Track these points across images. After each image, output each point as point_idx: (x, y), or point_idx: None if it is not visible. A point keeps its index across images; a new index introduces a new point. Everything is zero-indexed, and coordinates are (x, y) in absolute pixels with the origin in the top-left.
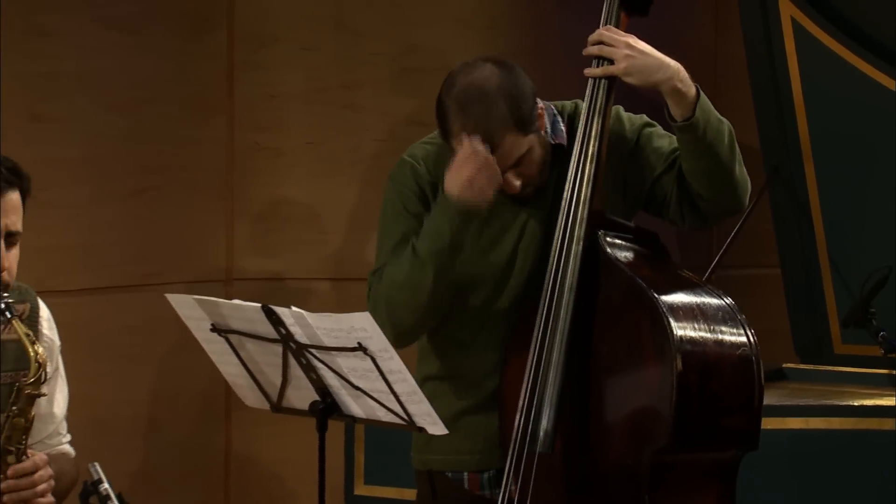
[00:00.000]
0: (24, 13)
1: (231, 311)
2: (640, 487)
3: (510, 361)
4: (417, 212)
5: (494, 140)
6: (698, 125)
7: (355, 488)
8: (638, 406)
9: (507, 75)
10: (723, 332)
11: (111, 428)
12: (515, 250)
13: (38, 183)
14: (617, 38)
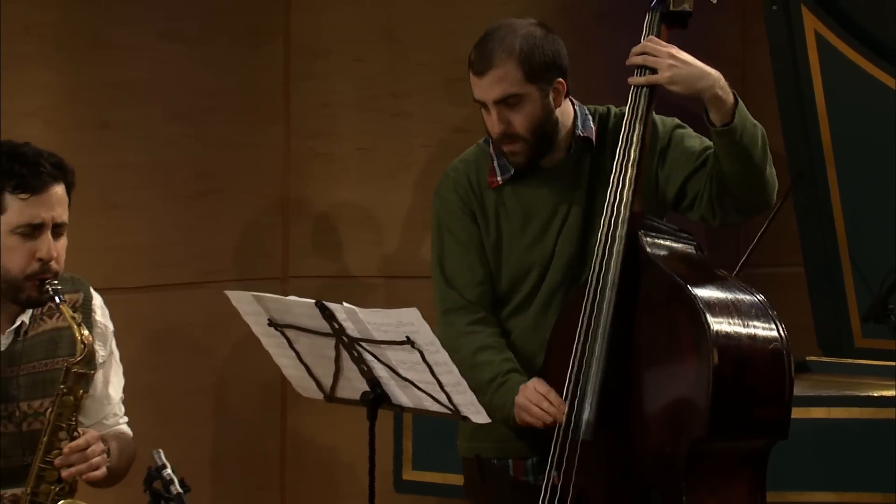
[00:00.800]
0: (94, 27)
1: (287, 307)
2: (676, 474)
3: (553, 354)
4: (463, 225)
5: (492, 61)
6: (736, 130)
7: (403, 473)
8: (676, 397)
9: (540, 30)
10: (756, 326)
11: (174, 417)
12: (556, 243)
13: (107, 186)
14: (660, 48)
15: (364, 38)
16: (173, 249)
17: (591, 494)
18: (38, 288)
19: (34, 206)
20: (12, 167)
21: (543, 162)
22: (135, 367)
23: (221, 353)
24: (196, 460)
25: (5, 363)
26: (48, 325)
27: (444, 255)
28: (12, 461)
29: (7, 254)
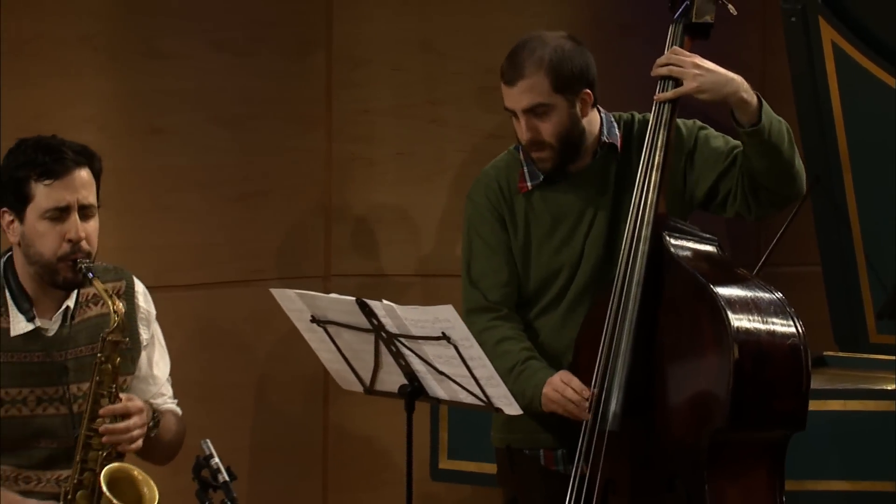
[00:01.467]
0: (145, 37)
1: (328, 304)
2: (698, 463)
3: (581, 349)
4: (491, 229)
5: (522, 72)
6: (764, 129)
7: (439, 462)
8: (698, 390)
9: (569, 43)
10: (775, 323)
11: (221, 408)
12: (584, 245)
13: (157, 189)
14: (684, 59)
15: (402, 49)
16: (220, 249)
17: (617, 483)
18: (71, 268)
19: (59, 190)
20: (36, 156)
21: (571, 168)
22: (183, 361)
23: (266, 348)
24: (241, 450)
25: (54, 347)
26: (93, 312)
27: (472, 257)
28: (65, 441)
29: (39, 239)
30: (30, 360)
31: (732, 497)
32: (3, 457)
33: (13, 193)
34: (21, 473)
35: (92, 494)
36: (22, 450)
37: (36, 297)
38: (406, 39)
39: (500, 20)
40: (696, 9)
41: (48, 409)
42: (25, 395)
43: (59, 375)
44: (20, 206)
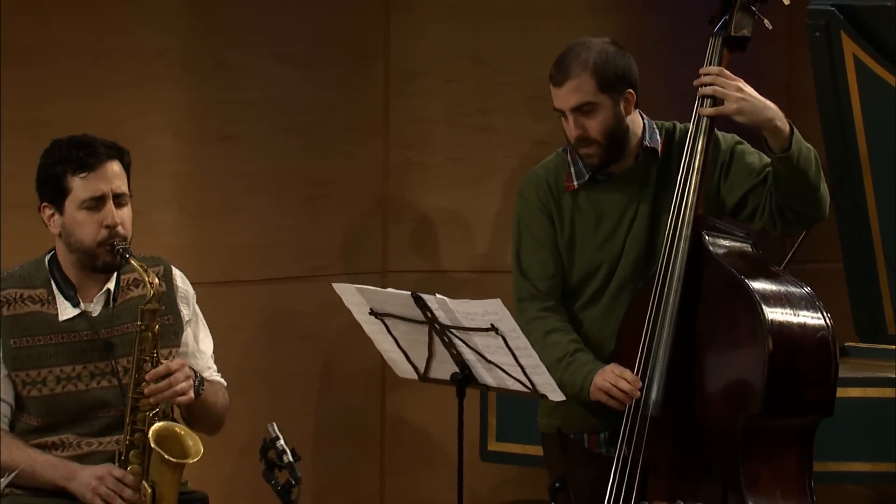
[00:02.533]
0: (215, 51)
1: (386, 298)
2: (734, 447)
3: (624, 339)
4: (540, 225)
5: (569, 73)
6: (793, 156)
7: (488, 445)
8: (734, 379)
9: (612, 47)
10: (806, 316)
11: (287, 394)
12: (625, 242)
13: (227, 192)
14: (730, 82)
15: (455, 61)
16: (285, 247)
17: (658, 465)
18: (109, 252)
19: (93, 181)
20: (70, 153)
21: (614, 169)
22: (251, 351)
23: (328, 339)
24: (305, 433)
25: (101, 326)
26: (134, 294)
27: (522, 250)
28: (119, 410)
29: (79, 228)
30: (79, 339)
31: (765, 478)
32: (65, 427)
33: (52, 189)
34: (82, 440)
35: (143, 453)
36: (82, 421)
37: (79, 283)
38: (458, 53)
39: (545, 35)
40: (735, 23)
41: (101, 383)
42: (79, 371)
43: (107, 351)
44: (59, 199)
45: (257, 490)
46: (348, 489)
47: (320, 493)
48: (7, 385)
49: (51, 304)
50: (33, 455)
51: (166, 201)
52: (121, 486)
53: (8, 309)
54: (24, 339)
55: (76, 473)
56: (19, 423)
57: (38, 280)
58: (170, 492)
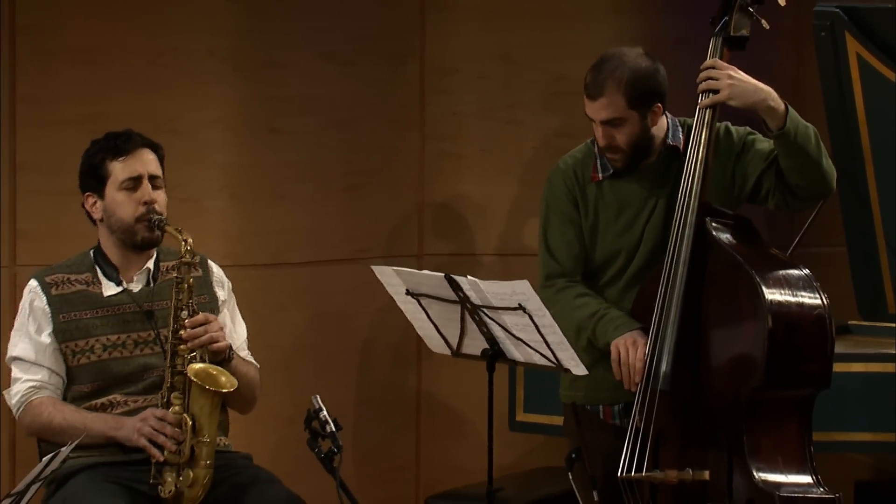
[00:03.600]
0: (264, 50)
1: (421, 279)
2: (738, 417)
3: (636, 318)
4: (566, 209)
5: (603, 90)
6: (790, 132)
7: (516, 415)
8: (737, 354)
9: (646, 62)
10: (803, 296)
11: (329, 369)
12: (644, 230)
13: (274, 181)
14: (720, 71)
15: (485, 60)
16: (328, 232)
17: (667, 434)
18: (147, 228)
19: (130, 164)
20: (109, 142)
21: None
22: (296, 328)
23: (367, 318)
24: (346, 405)
25: (143, 300)
26: (172, 275)
27: (549, 231)
28: (159, 371)
29: (119, 207)
30: (124, 310)
31: (767, 446)
32: (113, 389)
33: (93, 176)
34: (129, 399)
35: (183, 392)
36: (128, 383)
37: (121, 265)
38: (488, 52)
39: (568, 35)
40: (734, 24)
41: (144, 350)
42: (124, 339)
43: (149, 321)
44: (100, 185)
45: (302, 457)
46: (386, 457)
47: (360, 461)
48: (58, 358)
49: (95, 285)
50: (84, 413)
51: (218, 189)
52: (162, 424)
53: (56, 289)
54: (72, 313)
55: (123, 422)
56: (71, 392)
57: (84, 266)
58: (209, 422)
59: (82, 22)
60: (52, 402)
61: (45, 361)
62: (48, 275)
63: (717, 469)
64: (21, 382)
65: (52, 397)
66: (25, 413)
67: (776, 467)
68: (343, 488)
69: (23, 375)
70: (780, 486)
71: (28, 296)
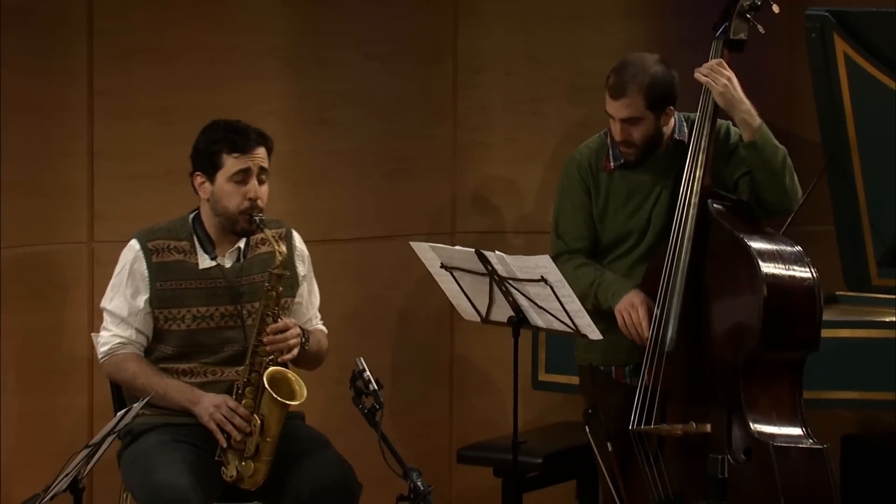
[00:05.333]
0: (314, 49)
1: (454, 254)
2: (736, 376)
3: (648, 288)
4: (578, 196)
5: (625, 91)
6: (756, 145)
7: (539, 376)
8: (735, 320)
9: (663, 69)
10: (795, 269)
11: (373, 333)
12: (651, 214)
13: (324, 166)
14: (722, 71)
15: (511, 58)
16: (371, 212)
17: (673, 392)
18: (248, 220)
19: (243, 160)
20: (227, 135)
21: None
22: (343, 298)
23: (406, 288)
24: (386, 366)
25: (233, 276)
26: (261, 251)
27: (560, 215)
28: (238, 346)
29: (226, 197)
30: (214, 285)
31: (763, 402)
32: (194, 357)
33: (208, 162)
34: (208, 368)
35: (256, 390)
36: (209, 353)
37: (217, 240)
38: (514, 51)
39: (587, 36)
40: (733, 28)
41: (228, 323)
42: (212, 312)
43: (236, 297)
44: (212, 171)
45: (348, 413)
46: (422, 412)
47: (399, 416)
48: (149, 321)
49: (192, 255)
50: (166, 381)
51: (273, 174)
52: (233, 415)
53: (157, 256)
54: (169, 282)
55: (200, 398)
56: (156, 350)
57: (183, 233)
58: (275, 426)
59: (152, 24)
60: (138, 360)
61: (134, 322)
62: (150, 239)
63: (717, 422)
64: (110, 335)
65: (137, 354)
66: (110, 363)
67: (771, 420)
68: (384, 441)
69: (112, 329)
70: (774, 437)
71: (129, 255)
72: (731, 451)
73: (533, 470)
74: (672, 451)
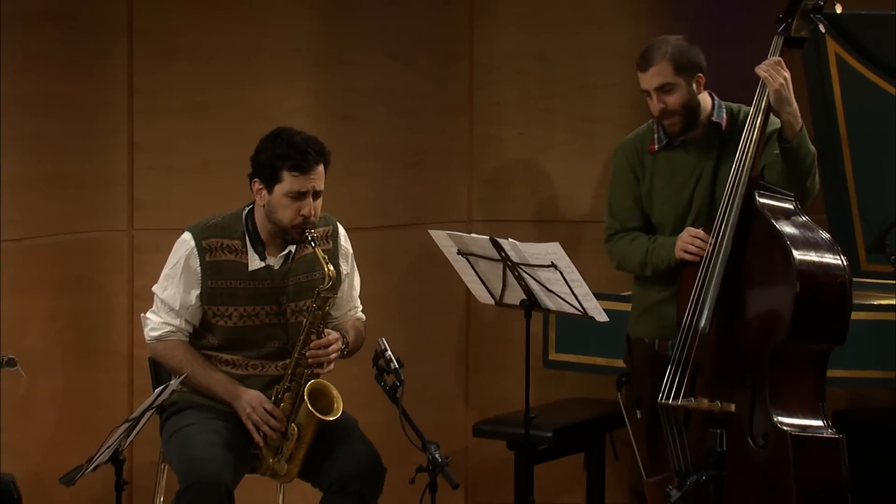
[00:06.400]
0: (339, 49)
1: (470, 241)
2: (763, 364)
3: (687, 271)
4: (627, 179)
5: (652, 61)
6: (795, 147)
7: (549, 354)
8: (768, 310)
9: (685, 42)
10: (829, 264)
11: (393, 316)
12: (692, 195)
13: (347, 159)
14: (781, 71)
15: (523, 58)
16: (392, 202)
17: (704, 369)
18: (300, 234)
19: (302, 180)
20: (289, 152)
21: (687, 137)
22: (367, 282)
23: (425, 273)
24: (406, 345)
25: (279, 277)
26: (308, 251)
27: (613, 198)
28: (279, 343)
29: (281, 209)
30: (261, 286)
31: (786, 391)
32: (238, 350)
33: (267, 174)
34: (250, 362)
35: (295, 396)
36: (252, 347)
37: (267, 242)
38: (526, 51)
39: (593, 37)
40: (795, 26)
41: (272, 321)
42: (258, 310)
43: (280, 297)
44: (271, 183)
45: (370, 390)
46: (440, 389)
47: (419, 392)
48: (197, 314)
49: (243, 255)
50: (210, 374)
51: None
52: (268, 417)
53: (210, 255)
54: (220, 281)
55: (240, 395)
56: (203, 340)
57: (236, 232)
58: (310, 435)
59: (188, 26)
60: (185, 348)
61: (185, 314)
62: (205, 237)
63: (741, 404)
64: (161, 322)
65: (184, 342)
66: (158, 347)
67: (792, 410)
68: (405, 415)
69: (163, 316)
70: (793, 427)
71: (184, 249)
72: (750, 434)
73: (543, 443)
74: (696, 426)
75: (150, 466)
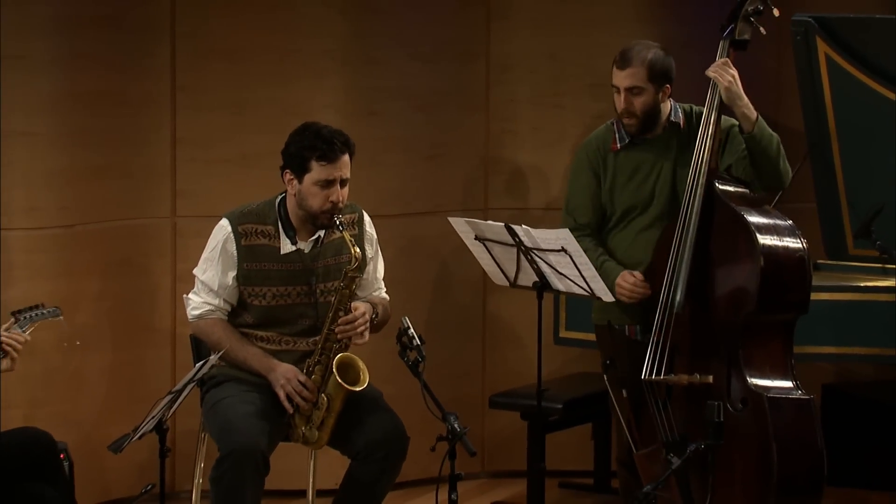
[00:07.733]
0: (366, 50)
1: (486, 228)
2: (735, 335)
3: (658, 257)
4: (587, 178)
5: (631, 62)
6: (755, 136)
7: (560, 332)
8: (736, 286)
9: (662, 51)
10: (788, 242)
11: (415, 296)
12: (654, 189)
13: (373, 152)
14: (728, 70)
15: (536, 58)
16: (414, 191)
17: (681, 347)
18: (328, 220)
19: (330, 169)
20: (316, 143)
21: (647, 135)
22: (391, 265)
23: (445, 257)
24: (428, 324)
25: (309, 260)
26: (336, 237)
27: (571, 194)
28: (310, 321)
29: (311, 197)
30: (293, 268)
31: (758, 358)
32: (272, 327)
33: (297, 164)
34: (283, 338)
35: (325, 370)
36: (285, 325)
37: (298, 227)
38: (539, 52)
39: (601, 39)
40: (739, 29)
41: (303, 300)
42: (290, 290)
43: (311, 278)
44: (300, 173)
45: (394, 365)
46: (459, 364)
47: (438, 367)
48: (235, 294)
49: (276, 239)
50: (246, 349)
51: None
52: (301, 388)
53: (245, 240)
54: (255, 263)
55: (274, 368)
56: (239, 318)
57: (270, 218)
58: (339, 404)
59: (227, 28)
60: (224, 326)
61: (223, 294)
62: (241, 223)
63: (718, 374)
64: (201, 301)
65: (223, 320)
66: (199, 325)
67: (765, 374)
68: (426, 388)
69: (203, 296)
70: (767, 389)
71: (222, 234)
72: (729, 401)
73: (554, 414)
74: (678, 399)
75: (191, 435)
